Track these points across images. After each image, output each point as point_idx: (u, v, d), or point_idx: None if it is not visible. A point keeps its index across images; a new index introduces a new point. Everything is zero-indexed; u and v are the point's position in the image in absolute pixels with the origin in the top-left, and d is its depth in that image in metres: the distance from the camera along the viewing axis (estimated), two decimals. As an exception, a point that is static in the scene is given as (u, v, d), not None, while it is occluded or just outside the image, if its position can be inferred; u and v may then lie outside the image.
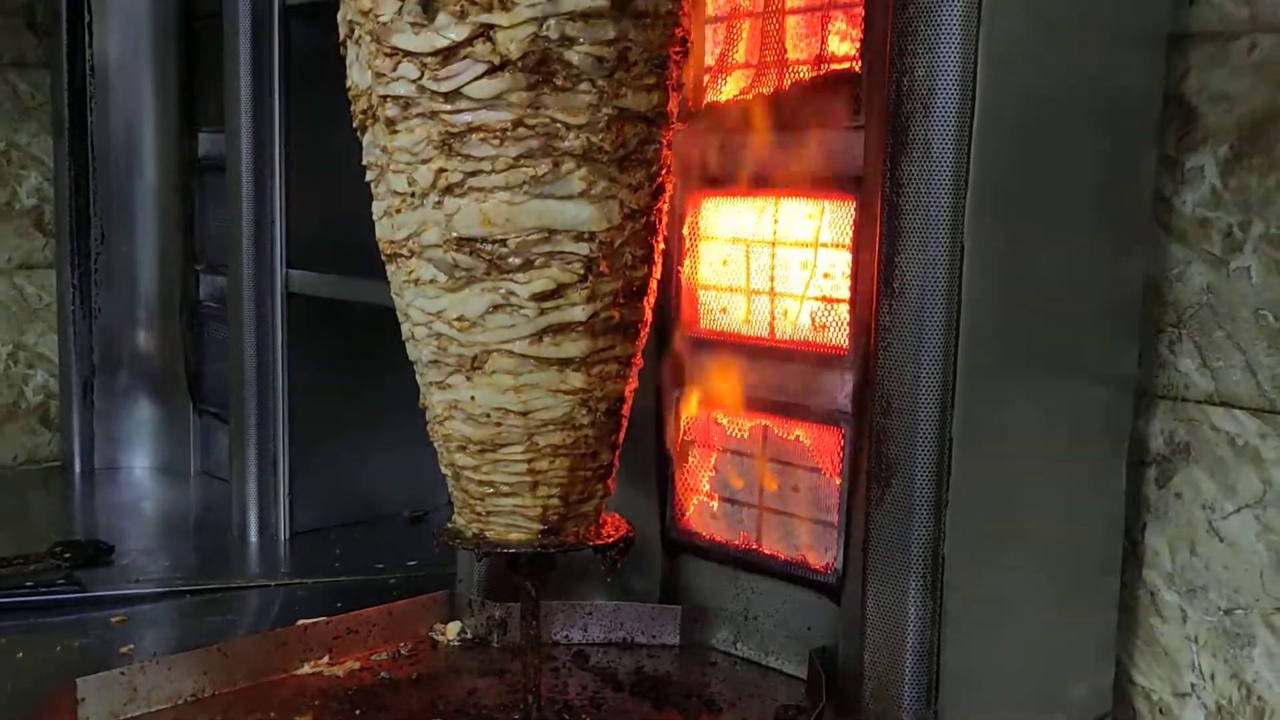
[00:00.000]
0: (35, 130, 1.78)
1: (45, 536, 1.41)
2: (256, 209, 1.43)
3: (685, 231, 1.14)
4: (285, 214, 1.43)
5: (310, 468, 1.48)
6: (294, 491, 1.48)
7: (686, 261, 1.14)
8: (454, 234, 0.82)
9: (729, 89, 1.08)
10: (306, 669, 1.07)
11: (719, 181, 1.10)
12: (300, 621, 1.10)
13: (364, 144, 0.87)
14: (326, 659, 1.08)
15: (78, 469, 1.74)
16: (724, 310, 1.13)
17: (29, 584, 1.22)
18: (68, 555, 1.33)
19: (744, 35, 1.08)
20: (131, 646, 1.10)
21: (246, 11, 1.41)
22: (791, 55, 1.04)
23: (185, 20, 1.69)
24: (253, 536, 1.47)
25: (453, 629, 1.16)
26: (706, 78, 1.09)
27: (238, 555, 1.44)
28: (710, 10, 1.09)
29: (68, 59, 1.68)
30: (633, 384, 0.93)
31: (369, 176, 0.88)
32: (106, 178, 1.71)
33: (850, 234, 1.01)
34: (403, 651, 1.12)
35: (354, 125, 0.88)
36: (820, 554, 1.07)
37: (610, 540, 0.92)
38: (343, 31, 0.86)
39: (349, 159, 1.03)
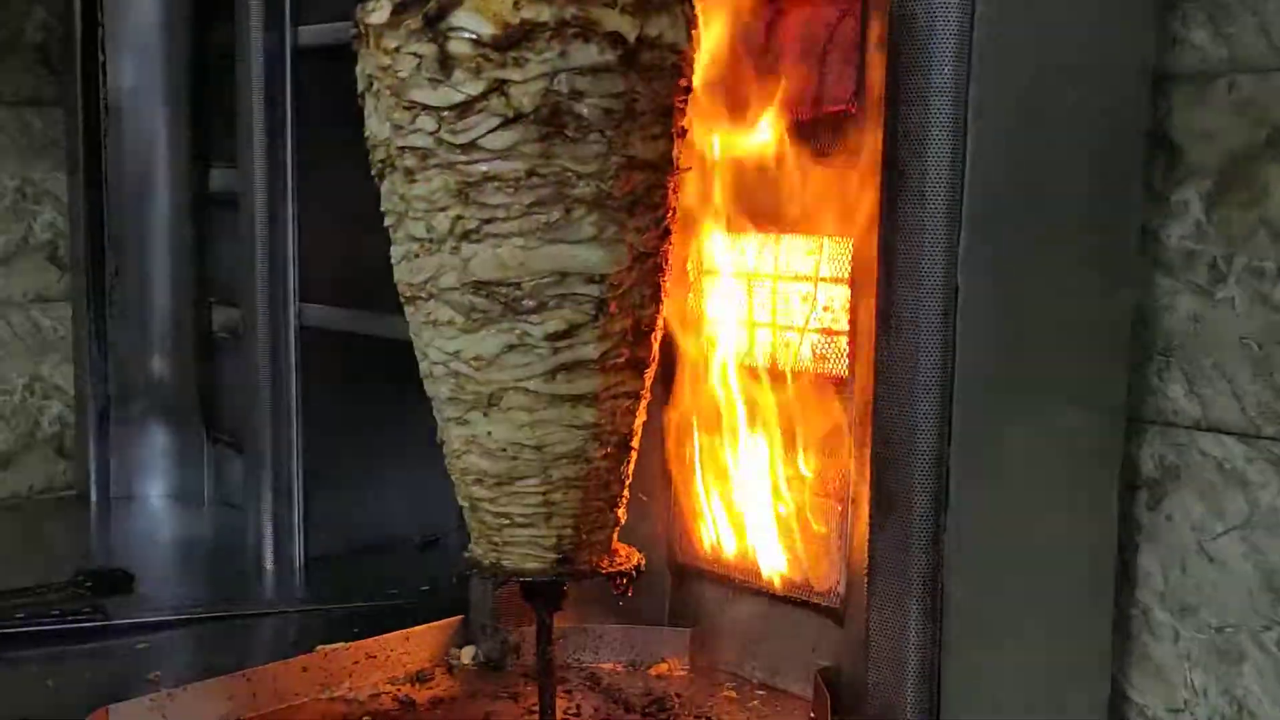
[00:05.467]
0: (49, 166, 1.81)
1: (63, 565, 1.44)
2: (270, 245, 1.46)
3: (689, 266, 1.18)
4: (298, 250, 1.47)
5: (324, 495, 1.52)
6: (308, 519, 1.51)
7: (690, 295, 1.18)
8: (471, 278, 0.86)
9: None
10: (328, 694, 1.10)
11: (721, 217, 1.13)
12: (321, 647, 1.13)
13: (382, 191, 0.91)
14: (347, 684, 1.11)
15: (94, 497, 1.77)
16: (728, 341, 1.16)
17: (55, 613, 1.25)
18: (89, 584, 1.36)
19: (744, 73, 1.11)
20: (158, 673, 1.13)
21: (259, 51, 1.44)
22: (790, 97, 1.08)
23: (197, 58, 1.73)
24: (268, 564, 1.50)
25: (468, 653, 1.19)
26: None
27: (254, 582, 1.47)
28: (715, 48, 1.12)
29: (82, 97, 1.72)
30: (641, 417, 0.96)
31: (387, 222, 0.91)
32: (120, 213, 1.75)
33: (849, 269, 1.05)
34: (421, 675, 1.15)
35: (372, 173, 0.91)
36: (823, 577, 1.10)
37: (622, 567, 0.96)
38: (361, 84, 0.90)
39: (361, 196, 1.06)
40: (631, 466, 0.97)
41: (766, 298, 1.12)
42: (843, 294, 1.06)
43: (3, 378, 1.80)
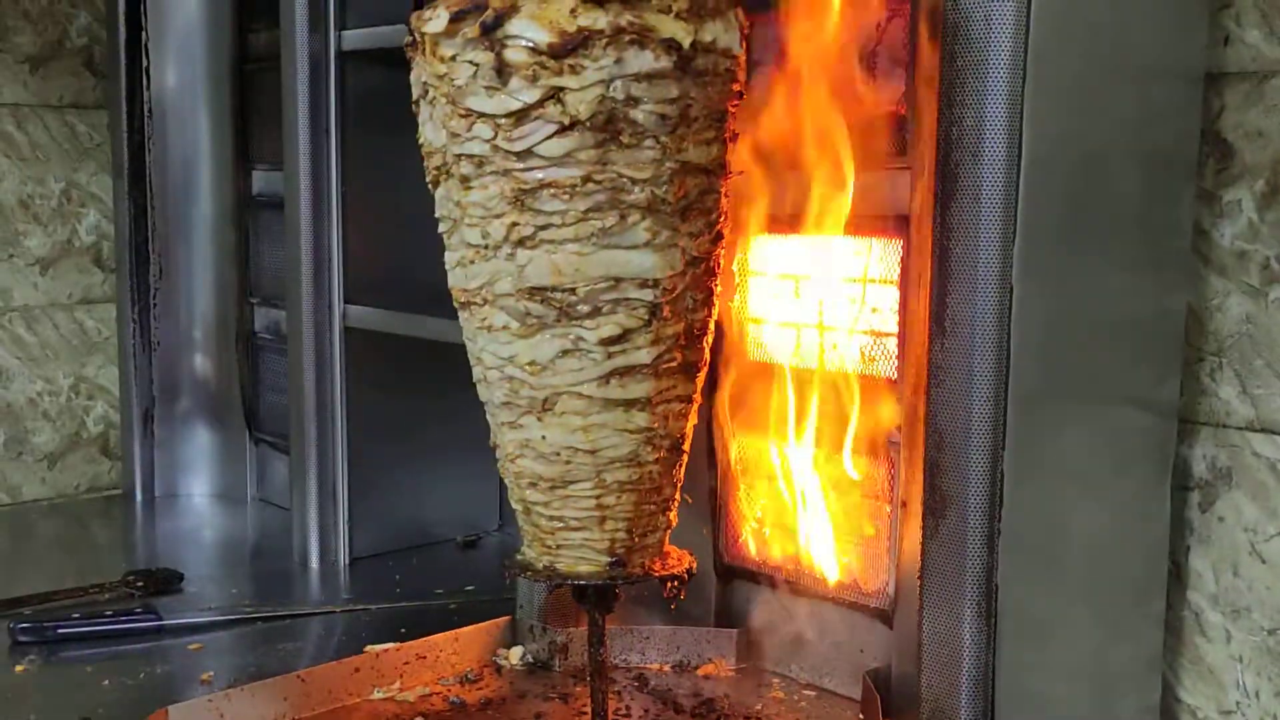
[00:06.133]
0: (94, 170, 1.84)
1: (110, 564, 1.47)
2: (314, 247, 1.48)
3: (735, 267, 1.18)
4: (342, 251, 1.48)
5: (368, 495, 1.53)
6: (353, 518, 1.52)
7: (736, 296, 1.18)
8: (526, 284, 0.87)
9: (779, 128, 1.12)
10: (379, 694, 1.11)
11: (768, 219, 1.14)
12: (371, 648, 1.14)
13: (437, 197, 0.92)
14: (398, 684, 1.12)
15: (139, 497, 1.79)
16: (775, 343, 1.17)
17: (108, 613, 1.27)
18: (140, 584, 1.38)
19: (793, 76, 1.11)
20: (211, 673, 1.14)
21: (304, 55, 1.45)
22: (840, 96, 1.07)
23: (239, 61, 1.75)
24: (314, 563, 1.51)
25: (515, 653, 1.20)
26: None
27: (300, 581, 1.48)
28: (759, 55, 1.12)
29: (126, 100, 1.74)
30: (693, 420, 0.97)
31: (442, 228, 0.92)
32: (164, 215, 1.77)
33: (898, 271, 1.05)
34: (469, 676, 1.16)
35: (427, 180, 0.92)
36: (872, 578, 1.10)
37: (674, 570, 0.96)
38: (416, 92, 0.91)
39: (404, 197, 1.07)
40: (683, 470, 0.97)
41: (815, 299, 1.12)
42: (892, 295, 1.06)
43: (49, 378, 1.83)
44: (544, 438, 0.90)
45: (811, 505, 1.15)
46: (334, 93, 1.47)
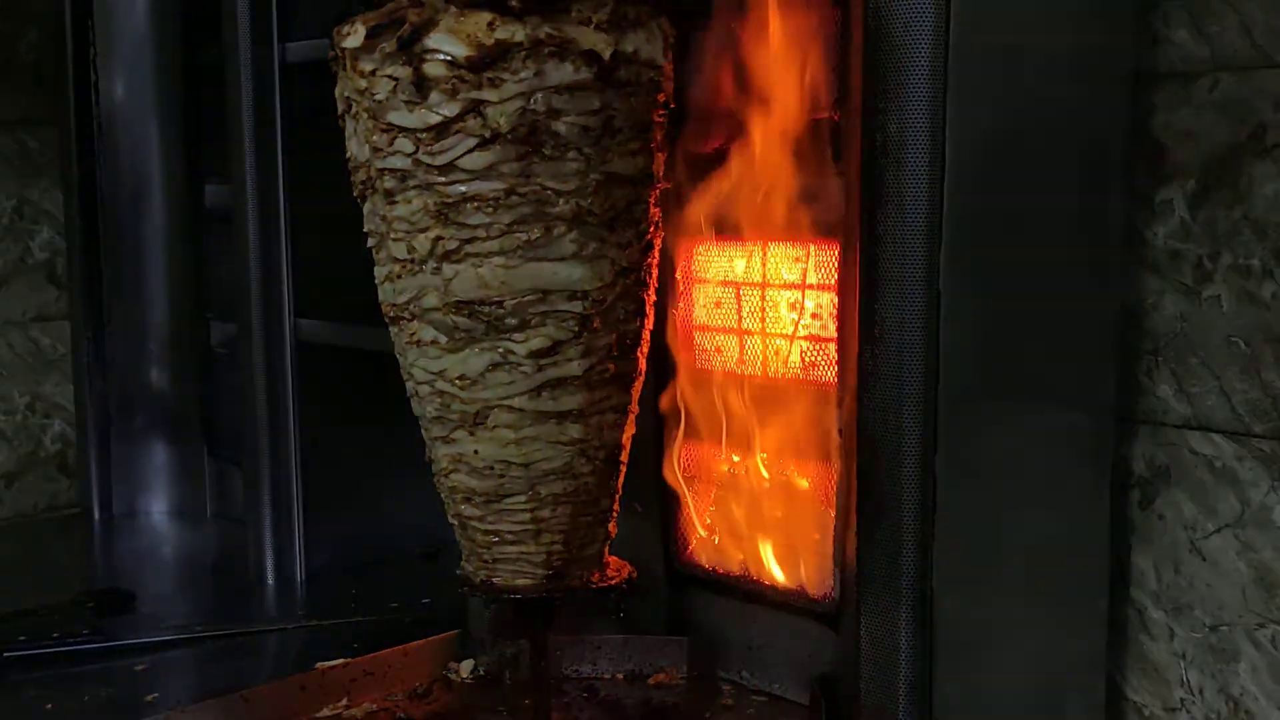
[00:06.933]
0: (45, 185, 1.82)
1: (68, 583, 1.45)
2: (264, 261, 1.47)
3: (678, 275, 1.18)
4: (292, 265, 1.47)
5: (324, 509, 1.52)
6: (308, 534, 1.51)
7: (680, 304, 1.18)
8: (453, 298, 0.87)
9: (714, 137, 1.12)
10: (326, 712, 1.11)
11: (708, 227, 1.14)
12: (318, 665, 1.14)
13: (365, 212, 0.91)
14: (345, 701, 1.12)
15: (97, 515, 1.78)
16: (718, 350, 1.17)
17: (55, 634, 1.25)
18: (91, 604, 1.36)
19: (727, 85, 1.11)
20: (156, 695, 1.13)
21: (249, 68, 1.45)
22: (773, 104, 1.08)
23: (189, 74, 1.74)
24: (269, 579, 1.50)
25: (466, 667, 1.19)
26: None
27: (256, 598, 1.47)
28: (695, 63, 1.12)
29: (75, 116, 1.73)
30: (630, 431, 0.97)
31: (370, 243, 0.92)
32: (117, 230, 1.75)
33: (835, 276, 1.05)
34: (419, 690, 1.16)
35: (354, 194, 0.92)
36: (818, 584, 1.10)
37: (612, 582, 0.96)
38: (340, 107, 0.90)
39: (353, 210, 1.06)
40: (621, 480, 0.97)
41: (755, 305, 1.12)
42: (830, 301, 1.06)
43: (4, 397, 1.81)
44: (476, 452, 0.90)
45: (760, 511, 1.15)
46: (280, 106, 1.46)
